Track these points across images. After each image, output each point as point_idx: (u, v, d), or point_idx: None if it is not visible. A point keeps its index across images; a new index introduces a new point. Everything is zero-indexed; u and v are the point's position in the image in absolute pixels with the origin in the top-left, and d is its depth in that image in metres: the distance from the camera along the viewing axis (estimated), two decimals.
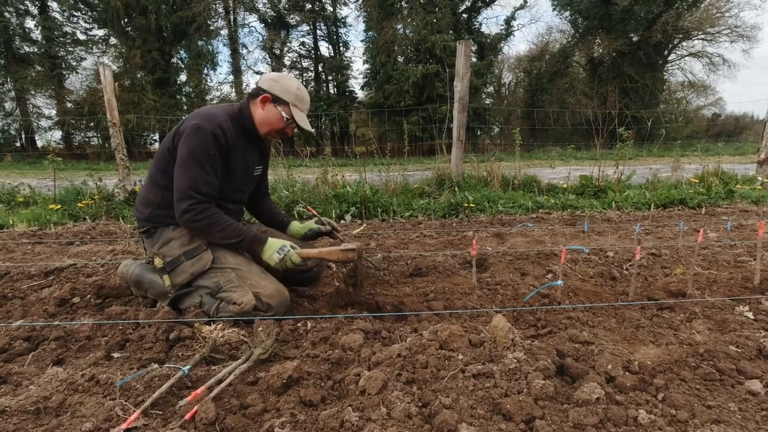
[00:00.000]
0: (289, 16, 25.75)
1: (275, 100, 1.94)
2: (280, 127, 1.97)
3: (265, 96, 1.93)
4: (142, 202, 1.98)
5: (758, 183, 5.99)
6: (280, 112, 1.94)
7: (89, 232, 4.04)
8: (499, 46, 26.43)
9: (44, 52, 21.97)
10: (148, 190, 1.97)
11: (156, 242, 1.95)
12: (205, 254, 1.90)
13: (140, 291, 2.02)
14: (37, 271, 2.58)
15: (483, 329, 1.59)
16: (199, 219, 1.80)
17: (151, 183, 1.96)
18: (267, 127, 1.98)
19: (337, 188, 4.96)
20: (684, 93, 28.95)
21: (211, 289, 1.88)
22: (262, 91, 1.94)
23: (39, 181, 7.61)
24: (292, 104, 1.95)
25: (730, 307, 1.89)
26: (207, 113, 1.89)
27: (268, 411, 1.21)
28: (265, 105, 1.95)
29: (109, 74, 5.07)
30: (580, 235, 3.48)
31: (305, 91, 2.01)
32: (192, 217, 1.79)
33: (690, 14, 23.71)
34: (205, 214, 1.80)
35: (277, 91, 1.93)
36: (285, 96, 1.94)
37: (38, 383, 1.32)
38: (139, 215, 1.99)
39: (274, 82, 1.95)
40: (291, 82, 1.97)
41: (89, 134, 23.96)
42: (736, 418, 1.15)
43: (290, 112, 1.94)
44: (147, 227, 1.97)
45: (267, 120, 1.96)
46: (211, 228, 1.83)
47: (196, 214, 1.79)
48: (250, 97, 1.99)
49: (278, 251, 1.86)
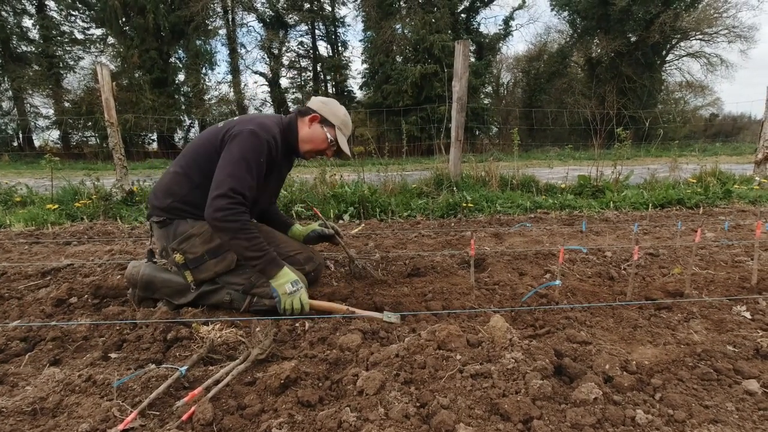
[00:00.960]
0: (288, 16, 25.72)
1: (323, 122, 2.02)
2: (322, 147, 2.04)
3: (314, 116, 2.01)
4: (164, 190, 1.94)
5: (756, 183, 6.01)
6: (325, 134, 2.02)
7: (87, 232, 4.02)
8: (497, 46, 26.45)
9: (41, 51, 21.87)
10: (173, 181, 1.93)
11: (172, 235, 1.90)
12: (229, 254, 1.90)
13: (147, 293, 1.97)
14: (34, 271, 2.57)
15: (481, 329, 1.59)
16: (233, 220, 1.73)
17: (181, 175, 1.92)
18: (309, 146, 2.04)
19: (336, 188, 4.96)
20: (682, 93, 29.04)
21: (243, 286, 1.89)
22: (311, 111, 2.03)
23: (36, 180, 7.58)
24: (338, 128, 2.04)
25: (728, 306, 1.89)
26: (263, 122, 1.92)
27: (265, 411, 1.21)
28: (312, 124, 2.02)
29: (106, 73, 5.06)
30: (578, 235, 3.49)
31: (350, 119, 2.11)
32: (226, 215, 1.72)
33: (688, 14, 23.76)
34: (240, 217, 1.75)
35: (325, 113, 2.02)
36: (332, 119, 2.03)
37: (35, 384, 1.32)
38: (157, 203, 1.94)
39: (323, 105, 2.05)
40: (339, 108, 2.08)
41: (87, 134, 23.91)
42: (734, 418, 1.15)
43: (335, 135, 2.02)
44: (163, 217, 1.92)
45: (312, 139, 2.03)
46: (239, 233, 1.75)
47: (232, 213, 1.73)
48: (300, 114, 2.05)
49: (292, 284, 1.79)
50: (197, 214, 1.88)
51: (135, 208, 4.95)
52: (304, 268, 2.15)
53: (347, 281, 2.40)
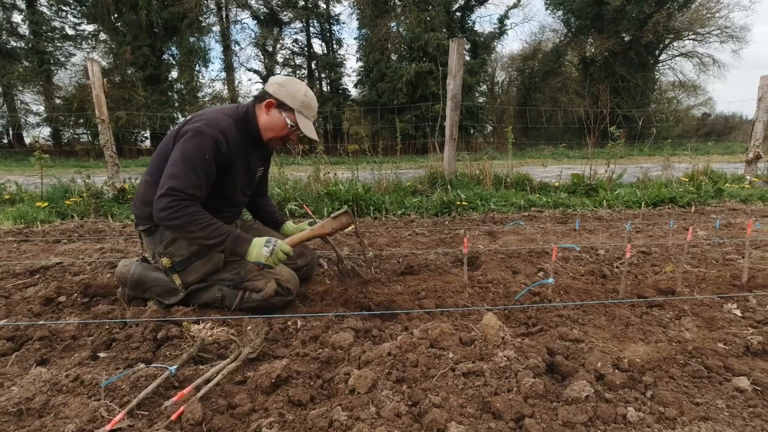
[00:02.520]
0: (282, 13, 25.60)
1: (280, 106, 1.88)
2: (283, 134, 1.92)
3: (270, 101, 1.88)
4: (142, 200, 1.91)
5: (747, 182, 6.07)
6: (284, 119, 1.88)
7: (77, 230, 3.98)
8: (492, 45, 26.46)
9: (31, 47, 21.57)
10: (147, 189, 1.89)
11: (158, 241, 1.89)
12: (216, 254, 1.88)
13: (137, 292, 1.95)
14: (22, 269, 2.53)
15: (474, 327, 1.59)
16: (177, 216, 1.67)
17: (150, 183, 1.88)
18: (270, 133, 1.93)
19: (330, 186, 4.94)
20: (675, 93, 29.25)
21: (233, 280, 1.87)
22: (267, 95, 1.89)
23: (26, 178, 7.48)
24: (297, 111, 1.89)
25: (719, 304, 1.90)
26: (211, 117, 1.82)
27: (256, 411, 1.20)
28: (270, 110, 1.89)
29: (97, 69, 4.99)
30: (572, 234, 3.50)
31: (313, 98, 1.95)
32: (170, 214, 1.67)
33: (681, 14, 23.96)
34: (185, 211, 1.69)
35: (282, 96, 1.87)
36: (290, 102, 1.88)
37: (21, 384, 1.30)
38: (138, 213, 1.92)
39: (280, 87, 1.89)
40: (298, 87, 1.91)
41: (78, 131, 23.63)
42: (724, 415, 1.16)
43: (295, 119, 1.89)
44: (148, 225, 1.91)
45: (271, 126, 1.91)
46: (190, 226, 1.70)
47: (174, 210, 1.67)
48: (256, 101, 1.93)
49: (265, 245, 1.76)
50: None
51: (126, 206, 4.90)
52: (296, 263, 2.14)
53: (340, 279, 2.39)
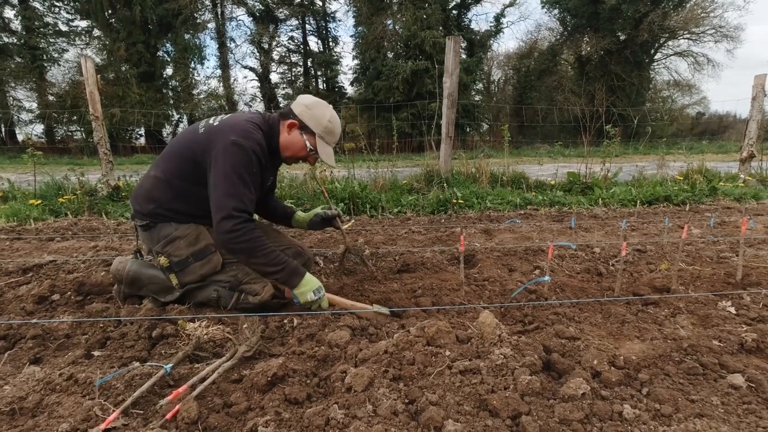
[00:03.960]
0: (278, 10, 25.44)
1: (303, 128, 1.88)
2: (301, 155, 1.93)
3: (293, 122, 1.88)
4: (145, 196, 1.87)
5: (741, 180, 6.11)
6: (304, 141, 1.88)
7: (71, 227, 3.94)
8: (488, 43, 26.47)
9: (24, 43, 21.32)
10: (154, 187, 1.86)
11: (156, 238, 1.86)
12: (215, 256, 1.87)
13: (132, 289, 1.93)
14: (15, 267, 2.51)
15: (470, 325, 1.59)
16: (244, 240, 1.67)
17: (162, 180, 1.84)
18: (289, 152, 1.93)
19: (326, 184, 4.93)
20: (669, 92, 29.41)
21: (230, 282, 1.87)
22: (292, 114, 1.88)
23: (19, 175, 7.40)
24: (319, 136, 1.88)
25: (713, 302, 1.91)
26: (243, 128, 1.77)
27: (252, 409, 1.19)
28: (292, 131, 1.89)
29: (90, 66, 4.95)
30: (568, 232, 3.51)
31: (338, 124, 1.93)
32: (236, 237, 1.66)
33: (676, 14, 24.04)
34: (251, 235, 1.68)
35: (306, 119, 1.87)
36: (313, 126, 1.87)
37: (14, 383, 1.28)
38: (139, 208, 1.89)
39: (306, 109, 1.88)
40: (324, 112, 1.89)
41: (72, 128, 23.40)
42: (719, 412, 1.16)
43: (315, 143, 1.88)
44: (147, 221, 1.88)
45: (290, 146, 1.91)
46: (254, 252, 1.70)
47: (242, 234, 1.67)
48: (281, 117, 1.93)
49: (314, 292, 1.77)
50: (180, 219, 1.86)
51: (121, 204, 4.87)
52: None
53: (336, 277, 2.38)
